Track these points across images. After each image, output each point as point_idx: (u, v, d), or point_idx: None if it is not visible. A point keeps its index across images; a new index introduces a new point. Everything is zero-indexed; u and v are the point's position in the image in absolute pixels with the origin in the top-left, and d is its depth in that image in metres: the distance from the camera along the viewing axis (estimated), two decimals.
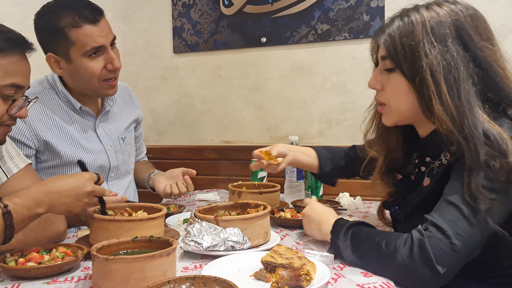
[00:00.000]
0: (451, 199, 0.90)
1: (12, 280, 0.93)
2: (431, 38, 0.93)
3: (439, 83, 0.91)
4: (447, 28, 0.94)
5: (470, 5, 0.99)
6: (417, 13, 0.97)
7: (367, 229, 1.01)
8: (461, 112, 0.90)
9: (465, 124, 0.89)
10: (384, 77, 1.04)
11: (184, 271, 0.98)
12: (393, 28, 0.99)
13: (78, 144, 1.47)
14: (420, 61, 0.93)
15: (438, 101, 0.91)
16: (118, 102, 1.65)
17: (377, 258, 0.93)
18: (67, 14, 1.34)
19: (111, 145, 1.57)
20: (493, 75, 0.95)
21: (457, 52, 0.93)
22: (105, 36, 1.38)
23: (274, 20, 2.10)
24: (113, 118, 1.62)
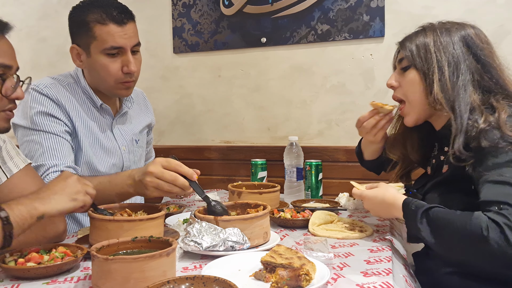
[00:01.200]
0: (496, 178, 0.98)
1: (11, 280, 0.93)
2: (441, 40, 1.17)
3: (443, 72, 1.14)
4: (453, 33, 1.18)
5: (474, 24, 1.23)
6: (430, 26, 1.23)
7: (442, 212, 1.01)
8: (456, 93, 1.12)
9: (456, 101, 1.11)
10: (400, 76, 1.25)
11: (184, 271, 0.98)
12: (409, 38, 1.24)
13: (96, 139, 1.49)
14: (431, 56, 1.16)
15: (439, 84, 1.13)
16: (134, 106, 1.67)
17: (464, 244, 0.96)
18: (96, 11, 1.37)
19: (125, 145, 1.58)
20: (490, 68, 1.15)
21: (461, 50, 1.15)
22: (127, 39, 1.39)
23: (274, 21, 2.10)
24: (129, 120, 1.64)
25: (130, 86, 1.47)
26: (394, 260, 1.08)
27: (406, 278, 1.04)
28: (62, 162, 1.35)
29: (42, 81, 1.43)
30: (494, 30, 1.81)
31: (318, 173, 1.79)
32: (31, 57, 2.61)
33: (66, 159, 1.37)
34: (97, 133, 1.49)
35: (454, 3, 1.86)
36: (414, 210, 1.05)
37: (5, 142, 1.20)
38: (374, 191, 1.20)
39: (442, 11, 1.86)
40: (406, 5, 1.92)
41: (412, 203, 1.08)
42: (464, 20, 1.22)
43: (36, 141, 1.36)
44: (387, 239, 1.22)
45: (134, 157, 1.63)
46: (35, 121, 1.37)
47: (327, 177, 1.93)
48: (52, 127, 1.38)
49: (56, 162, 1.34)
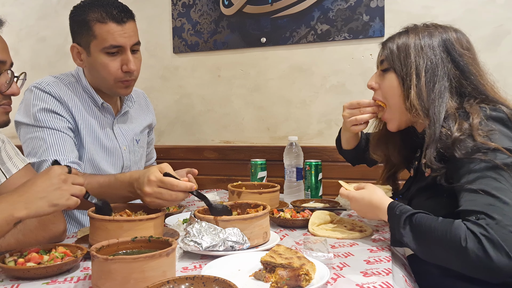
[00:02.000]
0: (473, 186, 0.97)
1: (11, 280, 0.93)
2: (421, 43, 1.16)
3: (420, 78, 1.13)
4: (435, 37, 1.16)
5: (457, 28, 1.21)
6: (414, 29, 1.20)
7: (425, 219, 1.01)
8: (431, 100, 1.12)
9: (431, 109, 1.11)
10: (380, 78, 1.24)
11: (184, 271, 0.98)
12: (392, 39, 1.22)
13: (97, 138, 1.49)
14: (410, 60, 1.15)
15: (415, 90, 1.13)
16: (136, 106, 1.68)
17: (445, 252, 0.96)
18: (97, 10, 1.38)
19: (126, 145, 1.59)
20: (468, 75, 1.14)
21: (440, 56, 1.14)
22: (127, 38, 1.40)
23: (273, 21, 2.10)
24: (130, 120, 1.64)
25: (129, 85, 1.47)
26: (393, 260, 1.08)
27: (405, 278, 1.04)
28: (66, 158, 1.35)
29: (44, 80, 1.43)
30: (493, 30, 1.81)
31: (318, 173, 1.79)
32: (31, 57, 2.60)
33: (70, 155, 1.37)
34: (98, 132, 1.50)
35: (453, 3, 1.86)
36: (398, 215, 1.05)
37: (4, 142, 1.20)
38: (361, 192, 1.20)
39: (441, 11, 1.86)
40: (405, 5, 1.92)
41: (397, 207, 1.08)
42: (449, 24, 1.21)
43: (40, 137, 1.37)
44: (386, 239, 1.22)
45: (135, 157, 1.63)
46: (38, 118, 1.37)
47: (326, 177, 1.93)
48: (55, 123, 1.38)
49: (59, 158, 1.34)
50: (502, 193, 0.94)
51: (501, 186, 0.95)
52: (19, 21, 2.57)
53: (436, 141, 1.07)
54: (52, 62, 2.57)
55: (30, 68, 2.56)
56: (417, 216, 1.02)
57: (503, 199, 0.93)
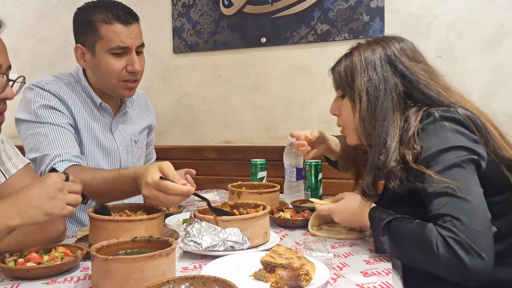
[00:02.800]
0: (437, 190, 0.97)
1: (11, 280, 0.93)
2: (363, 64, 1.14)
3: (362, 101, 1.12)
4: (377, 53, 1.14)
5: (400, 36, 1.20)
6: (357, 49, 1.18)
7: (400, 223, 1.01)
8: (372, 125, 1.10)
9: (372, 135, 1.10)
10: (339, 104, 1.25)
11: (184, 271, 0.98)
12: (340, 64, 1.22)
13: (95, 137, 1.50)
14: (355, 84, 1.14)
15: (358, 116, 1.13)
16: (135, 107, 1.68)
17: (421, 257, 0.96)
18: (102, 11, 1.39)
19: (124, 145, 1.59)
20: (417, 84, 1.11)
21: (385, 72, 1.12)
22: (132, 39, 1.40)
23: (273, 21, 2.10)
24: (129, 120, 1.64)
25: (132, 87, 1.47)
26: (393, 260, 1.08)
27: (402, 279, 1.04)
28: (68, 152, 1.35)
29: (43, 78, 1.44)
30: (494, 30, 1.81)
31: (318, 173, 1.79)
32: (31, 57, 2.60)
33: (72, 149, 1.37)
34: (97, 132, 1.50)
35: (454, 3, 1.86)
36: (378, 222, 1.04)
37: (3, 142, 1.20)
38: (342, 203, 1.19)
39: (442, 11, 1.86)
40: (405, 5, 1.92)
41: (376, 215, 1.07)
42: (393, 34, 1.20)
43: (41, 133, 1.37)
44: None
45: (133, 158, 1.63)
46: (39, 114, 1.38)
47: (326, 177, 1.93)
48: (56, 119, 1.39)
49: (61, 152, 1.34)
50: (463, 192, 0.94)
51: (462, 185, 0.94)
52: (19, 21, 2.57)
53: (374, 169, 1.08)
54: (52, 62, 2.57)
55: (30, 69, 2.56)
56: (394, 221, 1.01)
57: (466, 198, 0.93)
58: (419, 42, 1.89)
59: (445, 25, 1.83)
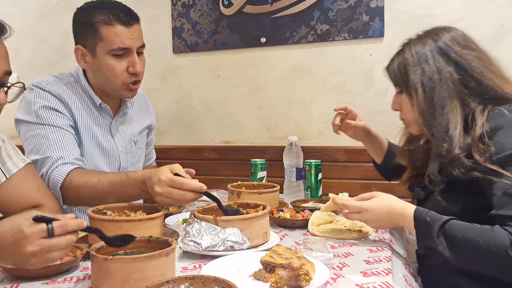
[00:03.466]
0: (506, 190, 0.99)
1: (11, 280, 0.93)
2: (415, 59, 1.16)
3: (418, 94, 1.14)
4: (427, 46, 1.16)
5: (450, 26, 1.21)
6: (407, 44, 1.21)
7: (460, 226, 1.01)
8: (431, 114, 1.12)
9: (433, 124, 1.12)
10: (399, 99, 1.25)
11: (183, 271, 0.98)
12: (393, 62, 1.23)
13: (95, 138, 1.49)
14: (409, 79, 1.16)
15: (416, 108, 1.15)
16: (134, 107, 1.67)
17: (487, 261, 0.97)
18: (103, 12, 1.38)
19: (123, 146, 1.58)
20: (473, 73, 1.12)
21: (438, 63, 1.13)
22: (134, 40, 1.40)
23: (273, 20, 2.10)
24: (129, 121, 1.63)
25: (134, 88, 1.47)
26: (393, 259, 1.08)
27: (406, 277, 1.04)
28: (69, 154, 1.35)
29: (43, 79, 1.44)
30: (494, 29, 1.81)
31: (318, 173, 1.79)
32: (30, 57, 2.60)
33: (73, 152, 1.37)
34: (96, 133, 1.50)
35: (454, 3, 1.86)
36: (430, 223, 1.03)
37: (4, 141, 1.20)
38: (377, 201, 1.14)
39: (442, 11, 1.86)
40: (405, 5, 1.92)
41: (424, 214, 1.05)
42: (441, 25, 1.21)
43: (42, 134, 1.36)
44: (386, 239, 1.22)
45: (132, 158, 1.63)
46: (40, 115, 1.38)
47: (326, 177, 1.93)
48: (57, 120, 1.39)
49: (63, 154, 1.34)
50: None
51: None
52: (19, 21, 2.57)
53: (438, 157, 1.09)
54: (51, 62, 2.56)
55: (29, 69, 2.56)
56: (450, 223, 1.01)
57: None
58: None
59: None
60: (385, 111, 1.98)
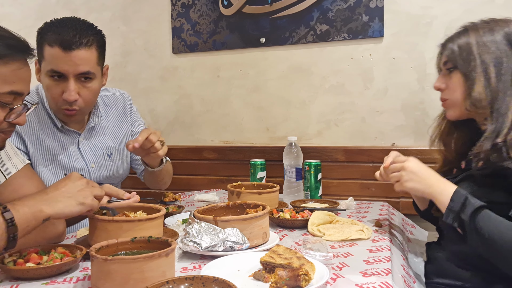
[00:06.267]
0: None
1: (10, 281, 0.93)
2: (483, 39, 1.17)
3: (486, 73, 1.14)
4: (496, 32, 1.17)
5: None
6: (474, 27, 1.21)
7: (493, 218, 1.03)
8: (495, 96, 1.13)
9: (495, 104, 1.12)
10: (446, 78, 1.25)
11: (183, 272, 0.98)
12: (453, 40, 1.23)
13: (58, 163, 1.47)
14: (473, 57, 1.16)
15: (481, 86, 1.14)
16: (110, 115, 1.64)
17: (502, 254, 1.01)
18: (53, 31, 1.35)
19: (95, 161, 1.55)
20: None
21: (504, 49, 1.14)
22: (71, 65, 1.34)
23: (273, 21, 2.10)
24: (101, 133, 1.59)
25: (71, 115, 1.43)
26: (393, 260, 1.08)
27: (404, 278, 1.05)
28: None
29: None
30: None
31: (317, 173, 1.79)
32: None
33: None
34: (59, 156, 1.47)
35: (452, 3, 1.86)
36: (465, 203, 1.05)
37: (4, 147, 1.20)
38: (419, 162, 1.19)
39: (441, 11, 1.87)
40: (405, 5, 1.92)
41: (464, 195, 1.07)
42: (508, 16, 1.22)
43: None
44: (386, 239, 1.22)
45: (107, 172, 1.59)
46: None
47: (326, 177, 1.93)
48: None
49: None
50: None
51: None
52: (18, 21, 2.56)
53: (495, 135, 1.09)
54: None
55: None
56: (485, 210, 1.04)
57: None
58: (418, 42, 1.91)
59: (444, 26, 1.84)
60: (384, 111, 1.98)
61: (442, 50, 1.27)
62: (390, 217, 1.53)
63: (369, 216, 1.51)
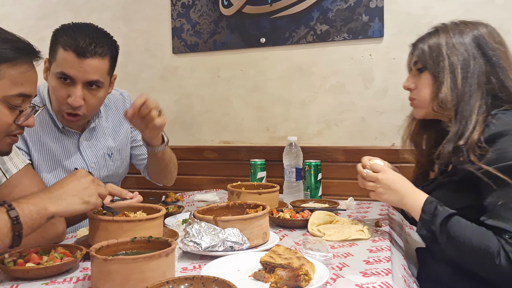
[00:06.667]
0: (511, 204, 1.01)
1: (10, 281, 0.93)
2: (453, 41, 1.17)
3: (454, 74, 1.15)
4: (466, 34, 1.17)
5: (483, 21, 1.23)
6: (444, 28, 1.22)
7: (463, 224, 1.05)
8: (461, 98, 1.13)
9: (460, 106, 1.13)
10: (416, 78, 1.27)
11: (183, 272, 0.98)
12: (424, 41, 1.23)
13: (58, 163, 1.47)
14: (442, 58, 1.17)
15: (448, 87, 1.15)
16: (110, 115, 1.64)
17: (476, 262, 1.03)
18: (68, 35, 1.35)
19: (95, 162, 1.56)
20: (498, 69, 1.14)
21: (472, 52, 1.15)
22: (82, 72, 1.35)
23: (273, 21, 2.10)
24: (102, 133, 1.60)
25: (73, 120, 1.43)
26: (393, 260, 1.08)
27: (405, 278, 1.05)
28: None
29: None
30: None
31: (317, 173, 1.79)
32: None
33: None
34: (60, 157, 1.47)
35: (452, 3, 1.86)
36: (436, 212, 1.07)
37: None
38: (395, 173, 1.21)
39: (440, 12, 1.87)
40: (404, 6, 1.92)
41: (435, 203, 1.09)
42: (478, 19, 1.22)
43: None
44: (386, 239, 1.22)
45: (107, 172, 1.60)
46: None
47: (326, 177, 1.93)
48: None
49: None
50: None
51: None
52: (19, 21, 2.57)
53: (457, 137, 1.11)
54: None
55: None
56: (455, 217, 1.06)
57: None
58: None
59: None
60: (384, 111, 1.98)
61: (412, 50, 1.27)
62: (390, 217, 1.53)
63: (369, 216, 1.51)
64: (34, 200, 0.95)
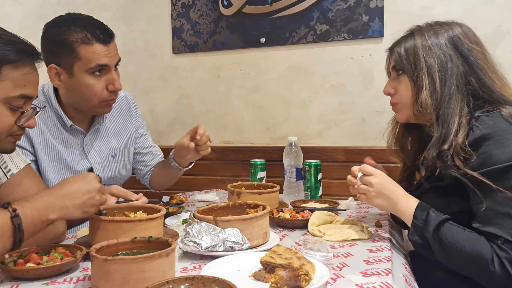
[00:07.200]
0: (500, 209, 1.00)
1: (11, 281, 0.93)
2: (428, 43, 1.16)
3: (432, 77, 1.14)
4: (441, 35, 1.17)
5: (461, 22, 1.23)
6: (419, 30, 1.21)
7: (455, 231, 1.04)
8: (441, 101, 1.12)
9: (441, 109, 1.12)
10: (396, 82, 1.25)
11: (183, 272, 0.98)
12: (399, 44, 1.23)
13: (63, 162, 1.47)
14: (419, 61, 1.16)
15: (427, 90, 1.14)
16: (114, 116, 1.64)
17: (469, 268, 1.03)
18: (80, 30, 1.36)
19: (99, 162, 1.56)
20: (477, 69, 1.13)
21: (449, 54, 1.14)
22: (111, 57, 1.39)
23: (273, 21, 2.10)
24: (105, 134, 1.60)
25: (112, 103, 1.47)
26: (393, 259, 1.08)
27: (406, 277, 1.04)
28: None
29: None
30: (493, 30, 1.82)
31: (317, 173, 1.79)
32: None
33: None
34: (65, 156, 1.47)
35: (453, 3, 1.86)
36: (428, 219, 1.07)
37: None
38: (388, 178, 1.19)
39: (441, 11, 1.86)
40: (405, 5, 1.92)
41: (427, 209, 1.09)
42: (452, 19, 1.22)
43: None
44: (386, 239, 1.22)
45: (111, 173, 1.60)
46: None
47: (326, 177, 1.93)
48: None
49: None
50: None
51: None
52: (19, 21, 2.57)
53: (440, 142, 1.10)
54: None
55: None
56: (447, 223, 1.05)
57: None
58: None
59: None
60: (384, 111, 1.98)
61: (389, 55, 1.27)
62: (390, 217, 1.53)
63: (369, 216, 1.51)
64: (39, 206, 0.96)
